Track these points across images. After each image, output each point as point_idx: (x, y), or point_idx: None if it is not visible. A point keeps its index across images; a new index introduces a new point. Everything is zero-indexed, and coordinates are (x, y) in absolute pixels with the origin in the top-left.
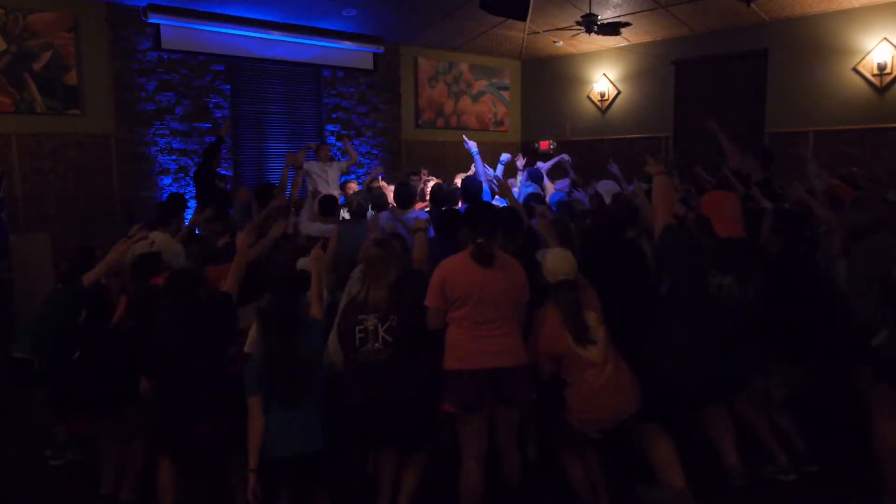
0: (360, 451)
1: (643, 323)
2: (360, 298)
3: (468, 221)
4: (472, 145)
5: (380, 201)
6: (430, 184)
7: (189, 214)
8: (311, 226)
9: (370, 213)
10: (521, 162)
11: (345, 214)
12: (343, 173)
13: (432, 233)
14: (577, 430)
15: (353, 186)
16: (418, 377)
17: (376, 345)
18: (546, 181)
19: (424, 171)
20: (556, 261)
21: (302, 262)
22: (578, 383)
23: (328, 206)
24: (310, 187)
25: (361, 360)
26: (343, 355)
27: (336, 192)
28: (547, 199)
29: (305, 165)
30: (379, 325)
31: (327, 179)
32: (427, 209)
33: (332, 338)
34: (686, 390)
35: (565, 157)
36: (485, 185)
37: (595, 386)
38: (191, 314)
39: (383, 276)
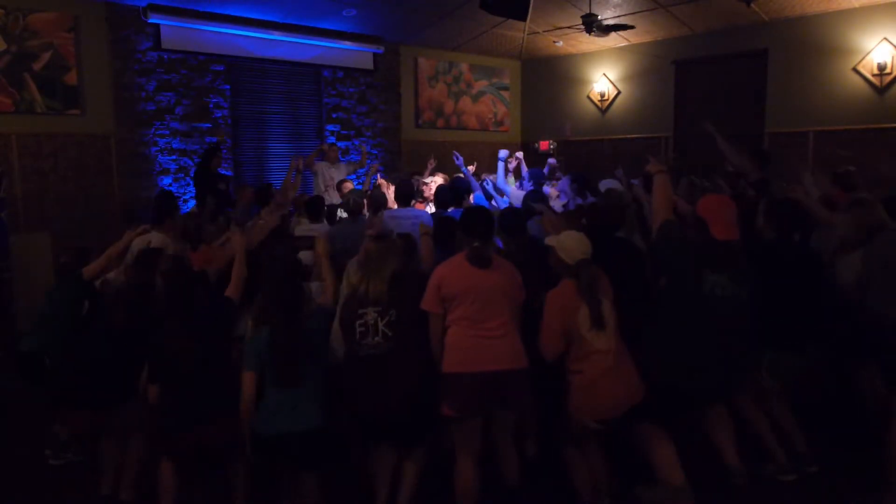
0: (359, 449)
1: (638, 320)
2: (361, 292)
3: (463, 226)
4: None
5: (378, 200)
6: (432, 183)
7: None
8: (301, 227)
9: (365, 213)
10: (512, 164)
11: (342, 213)
12: (349, 174)
13: None
14: (577, 420)
15: (349, 186)
16: (417, 372)
17: (376, 338)
18: (546, 189)
19: (432, 161)
20: (575, 241)
21: (302, 256)
22: (581, 370)
23: (314, 209)
24: (320, 187)
25: (362, 354)
26: (346, 346)
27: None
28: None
29: (315, 166)
30: (379, 320)
31: (332, 178)
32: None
33: (336, 327)
34: (682, 390)
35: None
36: (478, 192)
37: (597, 373)
38: (192, 317)
39: (382, 269)
